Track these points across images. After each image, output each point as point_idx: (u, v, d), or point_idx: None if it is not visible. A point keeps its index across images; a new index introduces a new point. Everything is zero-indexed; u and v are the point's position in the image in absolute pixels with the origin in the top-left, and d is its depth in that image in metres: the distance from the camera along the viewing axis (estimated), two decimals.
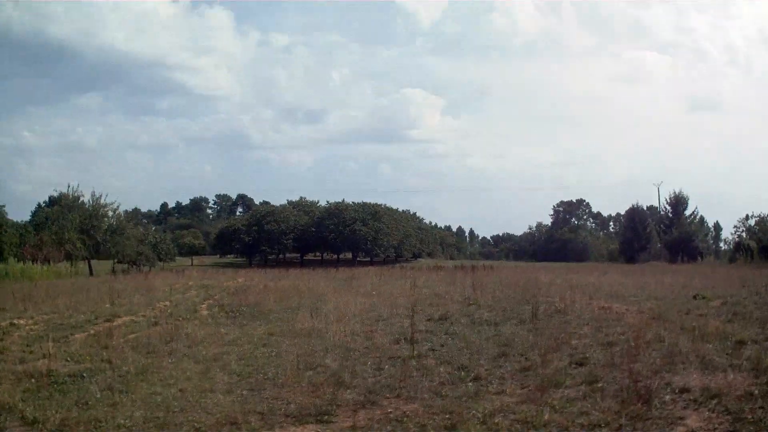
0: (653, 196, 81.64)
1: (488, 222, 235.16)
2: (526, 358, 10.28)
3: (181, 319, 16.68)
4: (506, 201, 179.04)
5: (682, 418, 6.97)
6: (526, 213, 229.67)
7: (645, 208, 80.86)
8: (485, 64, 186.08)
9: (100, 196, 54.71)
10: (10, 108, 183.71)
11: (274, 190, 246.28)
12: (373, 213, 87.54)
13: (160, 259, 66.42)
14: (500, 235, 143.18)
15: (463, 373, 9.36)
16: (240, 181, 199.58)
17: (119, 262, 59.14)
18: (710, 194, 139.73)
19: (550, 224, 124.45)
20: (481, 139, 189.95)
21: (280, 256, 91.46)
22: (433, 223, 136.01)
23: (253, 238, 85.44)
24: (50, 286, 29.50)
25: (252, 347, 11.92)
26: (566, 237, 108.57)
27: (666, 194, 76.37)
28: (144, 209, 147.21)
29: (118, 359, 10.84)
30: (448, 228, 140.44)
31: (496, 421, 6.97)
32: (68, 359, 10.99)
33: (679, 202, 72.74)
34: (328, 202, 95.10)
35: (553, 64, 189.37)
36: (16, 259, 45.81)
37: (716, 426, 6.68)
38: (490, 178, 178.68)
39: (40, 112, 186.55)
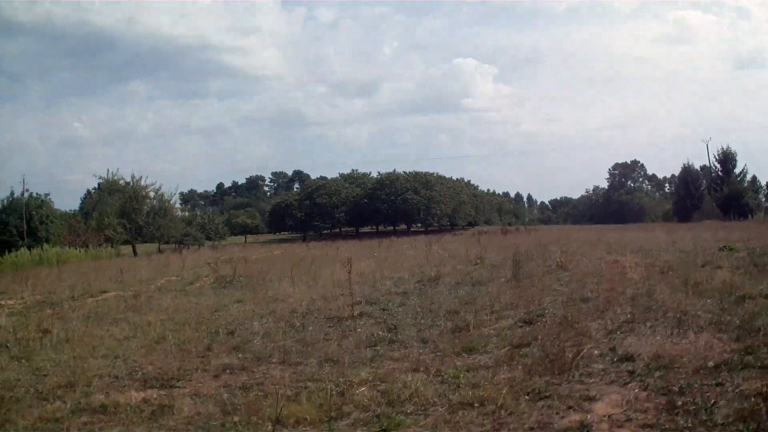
0: (704, 155, 77.37)
1: (546, 187, 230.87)
2: (464, 320, 9.20)
3: (168, 291, 16.35)
4: (562, 165, 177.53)
5: (593, 399, 5.49)
6: (582, 176, 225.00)
7: (698, 168, 77.44)
8: (532, 31, 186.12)
9: (140, 178, 55.44)
10: (56, 100, 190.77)
11: (330, 165, 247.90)
12: (424, 182, 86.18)
13: (209, 239, 66.89)
14: (558, 199, 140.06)
15: (383, 334, 8.46)
16: (297, 159, 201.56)
17: (166, 243, 59.99)
18: (763, 152, 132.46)
19: (606, 187, 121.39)
20: (533, 105, 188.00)
21: (334, 229, 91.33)
22: (491, 190, 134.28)
23: (306, 213, 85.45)
24: (74, 268, 29.99)
25: (197, 315, 11.34)
26: (623, 199, 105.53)
27: (714, 151, 72.94)
28: (200, 190, 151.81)
29: (60, 329, 10.45)
30: (506, 195, 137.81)
31: (358, 391, 6.01)
32: (9, 330, 10.71)
33: (727, 159, 69.16)
34: (379, 173, 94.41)
35: (598, 28, 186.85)
36: (51, 244, 47.03)
37: (633, 414, 5.07)
38: (545, 143, 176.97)
39: (87, 102, 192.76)
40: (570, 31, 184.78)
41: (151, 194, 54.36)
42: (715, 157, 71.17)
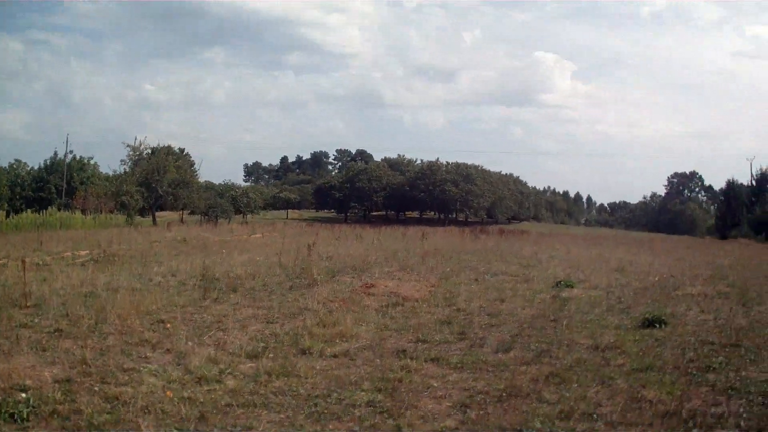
0: None
1: (608, 190, 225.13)
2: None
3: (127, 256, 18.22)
4: (628, 169, 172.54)
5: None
6: (644, 182, 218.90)
7: (745, 185, 72.92)
8: (615, 32, 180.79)
9: (167, 147, 56.73)
10: (134, 61, 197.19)
11: (402, 148, 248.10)
12: (465, 174, 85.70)
13: (240, 212, 67.55)
14: (617, 203, 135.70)
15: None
16: (368, 139, 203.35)
17: (191, 213, 61.32)
18: None
19: (663, 195, 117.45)
20: (610, 106, 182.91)
21: (376, 212, 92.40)
22: (551, 188, 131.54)
23: (345, 194, 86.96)
24: (72, 234, 32.30)
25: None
26: (677, 209, 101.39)
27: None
28: (266, 163, 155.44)
29: None
30: (565, 194, 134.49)
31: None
32: None
33: (765, 179, 64.40)
34: (421, 161, 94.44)
35: (679, 36, 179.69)
36: (58, 209, 48.96)
37: None
38: (616, 145, 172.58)
39: (165, 65, 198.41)
40: (652, 37, 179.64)
41: (174, 167, 54.31)
42: (754, 175, 67.07)
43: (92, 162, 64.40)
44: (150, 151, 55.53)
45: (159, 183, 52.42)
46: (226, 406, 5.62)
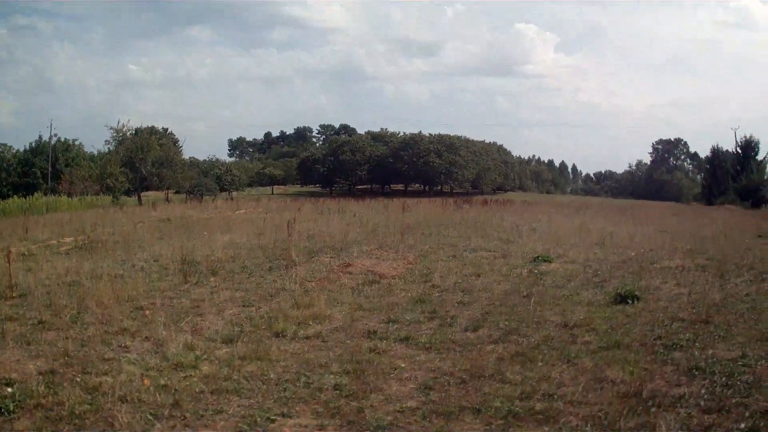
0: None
1: (594, 159, 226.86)
2: None
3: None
4: (613, 138, 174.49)
5: None
6: (630, 151, 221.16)
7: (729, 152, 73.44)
8: (597, 5, 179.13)
9: (150, 128, 56.71)
10: (117, 44, 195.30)
11: (386, 123, 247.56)
12: (448, 144, 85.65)
13: (224, 190, 68.00)
14: (602, 172, 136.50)
15: None
16: (353, 114, 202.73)
17: (176, 192, 61.27)
18: None
19: (649, 163, 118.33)
20: (593, 77, 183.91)
21: (361, 186, 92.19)
22: (535, 157, 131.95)
23: (328, 168, 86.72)
24: (58, 217, 32.43)
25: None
26: (663, 178, 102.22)
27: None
28: (250, 138, 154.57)
29: None
30: (550, 163, 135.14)
31: None
32: None
33: (749, 147, 64.93)
34: (404, 133, 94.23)
35: (662, 6, 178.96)
36: (44, 194, 49.19)
37: None
38: (601, 115, 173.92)
39: (147, 45, 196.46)
40: (634, 7, 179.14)
41: (157, 145, 54.60)
42: (739, 144, 67.59)
43: (77, 143, 64.25)
44: (134, 132, 55.45)
45: (143, 162, 52.49)
46: (199, 393, 5.90)
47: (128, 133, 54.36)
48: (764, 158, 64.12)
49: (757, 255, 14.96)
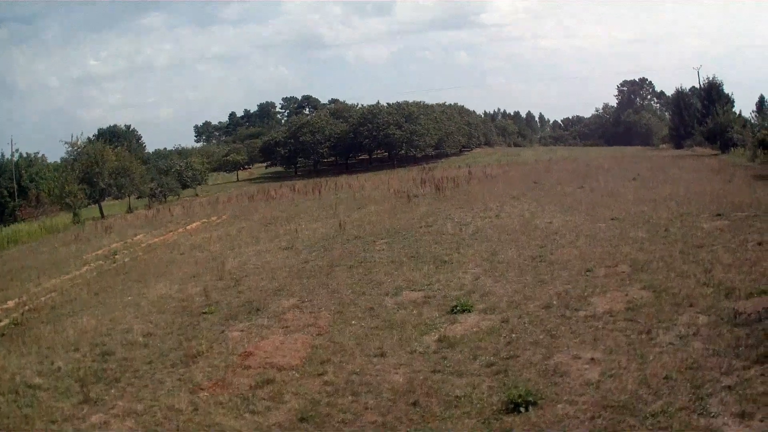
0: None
1: (561, 106, 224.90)
2: None
3: None
4: (578, 82, 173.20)
5: None
6: (597, 94, 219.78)
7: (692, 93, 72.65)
8: None
9: (105, 141, 55.29)
10: (72, 37, 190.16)
11: (349, 88, 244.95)
12: (407, 114, 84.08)
13: (186, 187, 67.10)
14: (570, 118, 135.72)
15: None
16: (316, 82, 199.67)
17: (138, 198, 59.75)
18: None
19: (615, 105, 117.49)
20: (551, 20, 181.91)
21: (325, 160, 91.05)
22: (500, 110, 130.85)
23: (290, 150, 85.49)
24: (11, 258, 31.92)
25: None
26: (631, 119, 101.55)
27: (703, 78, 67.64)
28: (215, 122, 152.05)
29: None
30: (516, 114, 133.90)
31: None
32: None
33: (712, 89, 63.95)
34: (362, 105, 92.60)
35: None
36: (5, 224, 47.70)
37: None
38: (564, 59, 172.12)
39: (105, 37, 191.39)
40: None
41: (113, 156, 53.21)
42: (701, 85, 66.73)
43: (39, 156, 63.87)
44: (87, 141, 55.28)
45: (99, 176, 51.34)
46: None
47: (83, 146, 53.63)
48: (729, 100, 62.93)
49: (707, 265, 14.02)
